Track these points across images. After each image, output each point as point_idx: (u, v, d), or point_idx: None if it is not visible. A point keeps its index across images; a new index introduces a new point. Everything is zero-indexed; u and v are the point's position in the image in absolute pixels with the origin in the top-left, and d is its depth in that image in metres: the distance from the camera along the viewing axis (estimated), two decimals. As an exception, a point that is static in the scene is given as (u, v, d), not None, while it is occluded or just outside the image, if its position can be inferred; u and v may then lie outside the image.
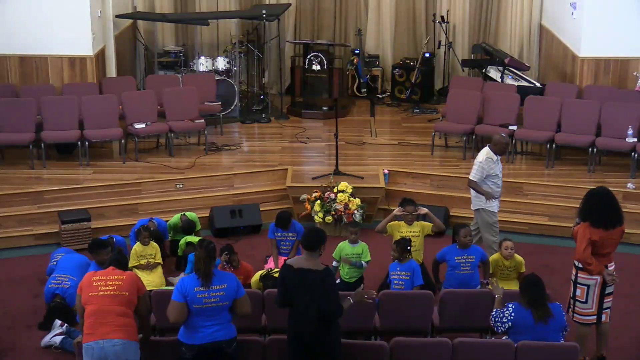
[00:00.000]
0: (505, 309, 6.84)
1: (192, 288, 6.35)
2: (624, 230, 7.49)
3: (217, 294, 6.35)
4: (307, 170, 11.69)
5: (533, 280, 6.88)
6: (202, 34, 15.04)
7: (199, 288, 6.35)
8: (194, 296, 6.34)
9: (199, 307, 6.35)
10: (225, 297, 6.38)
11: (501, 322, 6.81)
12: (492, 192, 9.16)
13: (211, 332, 6.40)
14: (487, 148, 9.24)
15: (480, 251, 8.50)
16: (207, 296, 6.34)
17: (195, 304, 6.34)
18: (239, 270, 8.56)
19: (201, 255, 6.41)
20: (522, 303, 6.80)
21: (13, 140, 11.69)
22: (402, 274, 8.17)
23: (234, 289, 6.42)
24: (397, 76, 15.01)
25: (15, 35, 12.36)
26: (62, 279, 8.42)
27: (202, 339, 6.40)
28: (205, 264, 6.37)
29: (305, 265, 6.43)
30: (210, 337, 6.40)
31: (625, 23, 12.33)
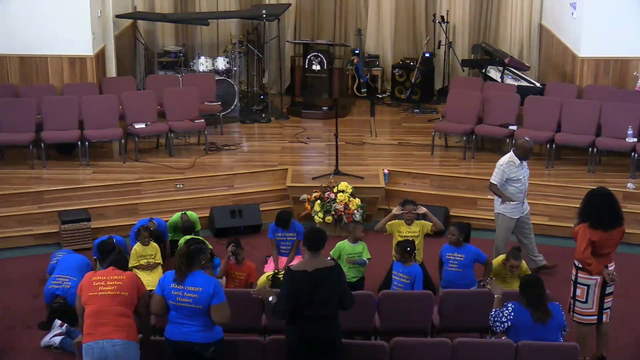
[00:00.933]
0: (504, 309, 6.84)
1: (168, 283, 6.38)
2: (624, 230, 7.49)
3: (190, 295, 6.30)
4: (307, 170, 11.69)
5: (533, 281, 6.89)
6: (202, 34, 15.04)
7: (174, 285, 6.35)
8: (169, 292, 6.36)
9: (173, 303, 6.36)
10: (199, 301, 6.29)
11: (500, 322, 6.82)
12: (510, 196, 9.07)
13: (186, 331, 6.37)
14: (512, 152, 9.19)
15: (475, 251, 8.45)
16: (181, 295, 6.32)
17: (169, 299, 6.37)
18: (242, 267, 8.52)
19: (181, 252, 6.42)
20: (521, 303, 6.80)
21: (13, 140, 11.69)
22: (404, 276, 8.16)
23: (208, 294, 6.30)
24: (397, 76, 15.01)
25: (15, 35, 12.36)
26: (62, 279, 8.41)
27: (175, 335, 6.41)
28: (181, 261, 6.35)
29: (318, 265, 6.41)
30: (184, 336, 6.37)
31: (625, 23, 12.33)
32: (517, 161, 9.08)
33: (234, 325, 6.69)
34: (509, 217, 9.17)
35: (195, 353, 6.40)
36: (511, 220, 9.21)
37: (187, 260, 6.37)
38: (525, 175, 9.19)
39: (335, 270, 6.46)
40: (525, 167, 9.21)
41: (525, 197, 9.32)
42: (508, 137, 12.00)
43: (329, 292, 6.37)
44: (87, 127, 11.87)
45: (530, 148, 9.23)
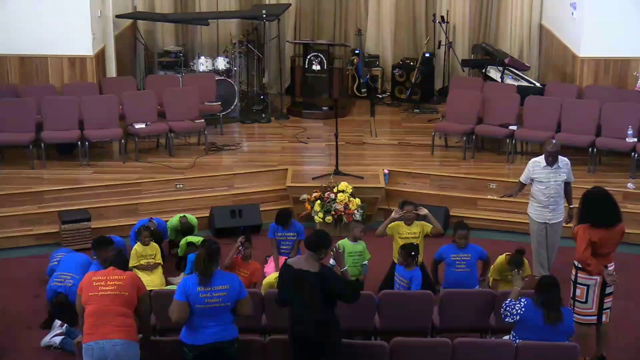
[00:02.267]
0: (518, 302, 6.85)
1: (194, 288, 6.35)
2: (624, 230, 7.50)
3: (220, 294, 6.35)
4: (307, 170, 11.69)
5: (550, 282, 6.88)
6: (202, 34, 15.04)
7: (201, 288, 6.34)
8: (197, 296, 6.33)
9: (201, 307, 6.34)
10: (228, 298, 6.38)
11: (511, 313, 6.82)
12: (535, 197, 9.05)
13: (213, 332, 6.40)
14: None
15: (478, 250, 8.47)
16: (210, 296, 6.33)
17: (197, 303, 6.34)
18: (247, 265, 8.47)
19: (202, 254, 6.41)
20: (535, 303, 6.79)
21: (13, 140, 11.69)
22: (404, 280, 8.17)
23: (236, 289, 6.42)
24: (397, 76, 15.00)
25: (15, 35, 12.36)
26: (64, 277, 8.42)
27: (204, 339, 6.40)
28: (205, 264, 6.36)
29: (304, 266, 6.46)
30: (212, 338, 6.40)
31: (625, 23, 12.33)
32: (543, 163, 8.97)
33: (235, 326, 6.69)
34: (533, 219, 9.11)
35: (222, 352, 6.45)
36: (534, 224, 9.10)
37: (210, 261, 6.39)
38: (552, 180, 8.95)
39: (318, 276, 6.42)
40: (558, 172, 8.95)
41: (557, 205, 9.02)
42: (508, 137, 12.00)
43: (307, 295, 6.39)
44: (87, 127, 11.87)
45: (550, 152, 8.96)
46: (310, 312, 6.39)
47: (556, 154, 8.97)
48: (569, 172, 9.04)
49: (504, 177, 11.49)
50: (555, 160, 8.96)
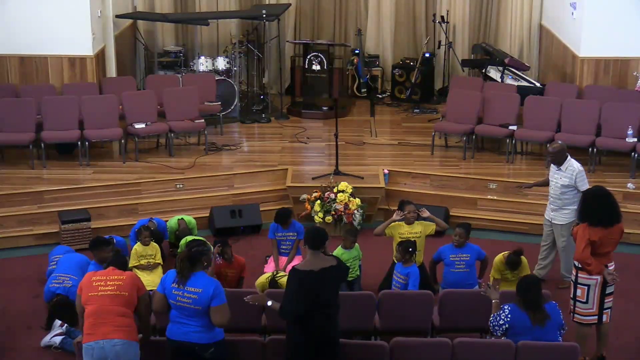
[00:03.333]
0: (501, 311, 6.81)
1: (170, 283, 6.41)
2: (623, 229, 7.50)
3: (190, 296, 6.32)
4: (307, 170, 11.68)
5: (529, 282, 6.84)
6: (202, 34, 15.03)
7: (175, 285, 6.38)
8: (170, 291, 6.40)
9: (173, 302, 6.39)
10: (198, 302, 6.31)
11: (498, 325, 6.78)
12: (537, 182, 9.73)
13: (185, 331, 6.39)
14: None
15: (477, 250, 8.49)
16: (181, 295, 6.35)
17: (170, 298, 6.40)
18: (232, 264, 8.50)
19: (183, 255, 6.45)
20: (518, 304, 6.78)
21: (13, 140, 11.69)
22: (401, 277, 8.18)
23: (208, 295, 6.31)
24: (397, 76, 15.01)
25: (15, 35, 12.36)
26: (63, 278, 8.42)
27: (176, 335, 6.43)
28: (183, 264, 6.38)
29: (323, 264, 6.40)
30: (184, 336, 6.40)
31: (625, 23, 12.33)
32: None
33: (234, 325, 6.69)
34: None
35: (195, 353, 6.41)
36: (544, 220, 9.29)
37: (189, 262, 6.39)
38: (554, 180, 8.98)
39: (339, 268, 6.53)
40: (560, 174, 8.93)
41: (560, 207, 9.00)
42: (508, 137, 12.00)
43: (333, 290, 6.41)
44: (87, 127, 11.87)
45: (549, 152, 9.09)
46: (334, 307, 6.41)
47: (554, 155, 8.95)
48: (576, 180, 8.83)
49: (504, 177, 11.50)
50: (558, 162, 8.93)
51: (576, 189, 8.82)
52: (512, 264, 8.38)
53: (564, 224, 9.00)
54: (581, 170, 8.89)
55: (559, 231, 9.07)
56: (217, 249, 8.47)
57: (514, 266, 8.40)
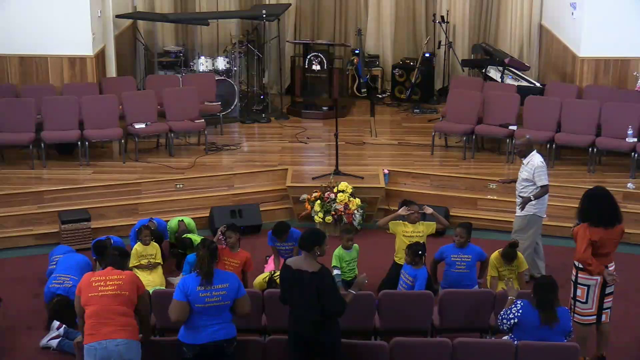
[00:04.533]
0: (513, 306, 6.84)
1: (194, 287, 6.37)
2: (624, 230, 7.50)
3: (219, 293, 6.37)
4: (307, 170, 11.68)
5: (546, 283, 6.87)
6: (202, 34, 15.03)
7: (201, 287, 6.36)
8: (197, 295, 6.35)
9: (201, 306, 6.36)
10: (227, 297, 6.40)
11: (507, 319, 6.80)
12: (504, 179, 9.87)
13: (212, 331, 6.41)
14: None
15: (479, 251, 8.50)
16: (209, 295, 6.35)
17: (197, 303, 6.36)
18: (235, 254, 8.43)
19: (204, 254, 6.43)
20: (531, 302, 6.79)
21: (13, 140, 11.69)
22: (409, 278, 8.20)
23: (235, 288, 6.45)
24: (397, 76, 15.01)
25: (15, 35, 12.36)
26: (63, 278, 8.41)
27: (203, 338, 6.41)
28: (208, 263, 6.39)
29: (302, 266, 6.45)
30: (211, 337, 6.41)
31: (625, 23, 12.33)
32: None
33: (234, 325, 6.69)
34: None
35: (221, 351, 6.46)
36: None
37: (211, 260, 6.43)
38: (519, 174, 9.18)
39: (316, 277, 6.39)
40: (523, 168, 9.09)
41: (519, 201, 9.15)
42: (508, 137, 12.00)
43: (305, 295, 6.39)
44: (87, 127, 11.87)
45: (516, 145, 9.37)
46: (307, 311, 6.39)
47: (519, 147, 9.20)
48: (534, 175, 8.94)
49: (504, 177, 11.47)
50: (523, 155, 9.12)
51: (534, 184, 8.93)
52: (507, 256, 8.40)
53: (520, 215, 9.10)
54: (540, 166, 8.96)
55: (516, 223, 9.16)
56: (222, 228, 8.43)
57: (509, 258, 8.40)
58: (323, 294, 6.35)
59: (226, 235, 8.41)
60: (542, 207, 9.11)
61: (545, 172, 8.99)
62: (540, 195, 8.95)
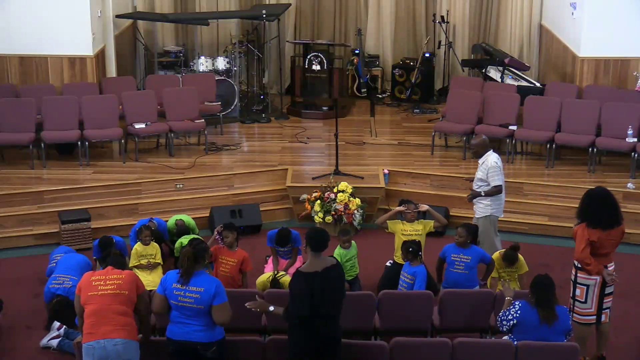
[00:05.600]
0: (512, 307, 6.84)
1: (170, 283, 6.41)
2: (624, 230, 7.48)
3: (192, 296, 6.34)
4: (307, 170, 11.69)
5: (544, 281, 6.86)
6: (202, 34, 15.03)
7: (177, 285, 6.37)
8: (171, 292, 6.39)
9: (174, 303, 6.39)
10: (200, 301, 6.33)
11: (507, 320, 6.81)
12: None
13: (188, 330, 6.40)
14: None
15: (481, 253, 8.47)
16: (182, 295, 6.35)
17: (171, 299, 6.40)
18: (233, 253, 8.42)
19: (187, 253, 6.43)
20: (530, 302, 6.79)
21: (13, 140, 11.69)
22: (408, 276, 8.21)
23: (210, 295, 6.34)
24: (397, 76, 15.01)
25: (15, 35, 12.36)
26: (63, 279, 8.41)
27: (178, 335, 6.43)
28: (188, 262, 6.38)
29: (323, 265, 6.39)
30: (186, 336, 6.40)
31: (625, 23, 12.33)
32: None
33: (234, 325, 6.70)
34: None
35: (197, 353, 6.42)
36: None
37: (194, 260, 6.40)
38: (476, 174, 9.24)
39: (340, 267, 6.55)
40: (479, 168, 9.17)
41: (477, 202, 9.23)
42: (508, 137, 12.00)
43: (338, 289, 6.41)
44: (87, 127, 11.87)
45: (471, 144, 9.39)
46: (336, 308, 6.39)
47: (473, 147, 9.23)
48: (488, 175, 8.99)
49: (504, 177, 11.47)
50: (478, 155, 9.17)
51: (489, 184, 8.98)
52: (508, 259, 8.40)
53: (478, 217, 9.14)
54: (494, 167, 8.99)
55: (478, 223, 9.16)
56: (219, 228, 8.42)
57: (510, 262, 8.41)
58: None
59: (223, 234, 8.42)
60: (499, 207, 9.14)
61: (499, 172, 9.03)
62: (491, 193, 9.00)
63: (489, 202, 9.03)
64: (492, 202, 9.03)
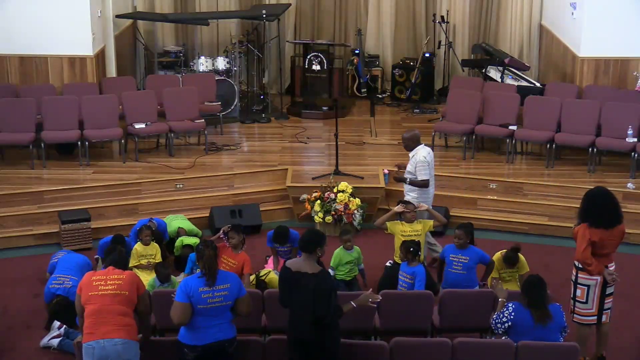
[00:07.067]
0: (505, 309, 6.84)
1: (196, 288, 6.35)
2: (625, 230, 7.48)
3: (221, 294, 6.36)
4: (307, 170, 11.69)
5: (534, 281, 6.86)
6: (202, 34, 15.04)
7: (204, 288, 6.34)
8: (199, 296, 6.33)
9: (203, 307, 6.34)
10: (229, 297, 6.40)
11: (501, 323, 6.81)
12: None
13: (214, 332, 6.41)
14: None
15: (479, 253, 8.45)
16: (212, 296, 6.34)
17: (200, 304, 6.34)
18: (236, 255, 8.40)
19: (211, 254, 6.39)
20: (522, 303, 6.79)
21: (13, 140, 11.69)
22: (407, 276, 8.21)
23: (237, 288, 6.45)
24: (397, 76, 15.01)
25: (15, 35, 12.37)
26: (63, 279, 8.41)
27: (205, 339, 6.40)
28: (212, 264, 6.38)
29: (302, 267, 6.45)
30: (213, 337, 6.40)
31: (625, 23, 12.34)
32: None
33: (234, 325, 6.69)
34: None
35: (223, 351, 6.46)
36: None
37: (216, 261, 6.43)
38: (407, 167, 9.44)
39: (316, 278, 6.39)
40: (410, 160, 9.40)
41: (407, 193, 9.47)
42: (508, 137, 12.00)
43: (304, 296, 6.37)
44: (87, 127, 11.87)
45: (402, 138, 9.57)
46: (306, 313, 6.37)
47: (404, 141, 9.47)
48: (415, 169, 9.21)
49: (504, 177, 11.50)
50: (408, 148, 9.39)
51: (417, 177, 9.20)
52: (509, 260, 8.39)
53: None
54: (422, 161, 9.20)
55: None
56: (227, 228, 8.43)
57: (511, 263, 8.41)
58: (317, 296, 6.34)
59: (229, 235, 8.40)
60: (426, 200, 9.32)
61: (427, 167, 9.23)
62: (415, 184, 9.23)
63: (417, 195, 9.26)
64: (420, 195, 9.27)
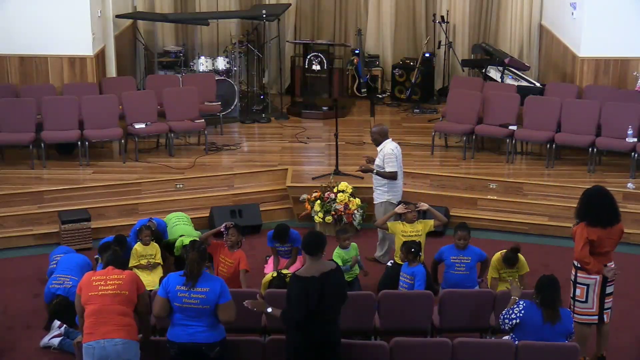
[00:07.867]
0: (515, 306, 6.84)
1: (174, 286, 6.39)
2: (623, 229, 7.49)
3: (198, 296, 6.33)
4: (307, 170, 11.69)
5: (549, 281, 6.86)
6: (202, 34, 15.04)
7: (181, 287, 6.36)
8: (175, 294, 6.37)
9: (179, 305, 6.37)
10: (206, 301, 6.34)
11: (509, 319, 6.80)
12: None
13: (192, 332, 6.40)
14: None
15: (478, 252, 8.49)
16: (187, 296, 6.34)
17: (175, 302, 6.38)
18: (232, 254, 8.41)
19: (194, 257, 6.41)
20: (534, 302, 6.79)
21: (13, 140, 11.69)
22: (407, 276, 8.22)
23: (216, 294, 6.36)
24: (397, 76, 15.01)
25: (15, 35, 12.37)
26: (63, 279, 8.41)
27: (181, 337, 6.42)
28: (198, 266, 6.38)
29: (322, 269, 6.37)
30: (190, 337, 6.40)
31: (625, 23, 12.34)
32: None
33: (234, 325, 6.69)
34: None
35: (202, 353, 6.42)
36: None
37: (200, 263, 6.41)
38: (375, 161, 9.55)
39: (339, 271, 6.52)
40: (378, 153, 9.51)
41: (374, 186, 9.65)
42: (508, 137, 12.00)
43: (336, 294, 6.38)
44: (87, 127, 11.87)
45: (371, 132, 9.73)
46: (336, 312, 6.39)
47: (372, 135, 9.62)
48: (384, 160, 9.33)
49: (504, 177, 11.50)
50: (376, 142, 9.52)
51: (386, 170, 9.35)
52: (508, 261, 8.39)
53: (376, 203, 9.53)
54: (390, 154, 9.35)
55: (375, 211, 9.54)
56: (230, 223, 8.46)
57: (510, 263, 8.40)
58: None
59: (229, 232, 8.41)
60: (396, 194, 9.45)
61: (394, 159, 9.36)
62: (382, 175, 9.36)
63: (386, 189, 9.42)
64: (389, 188, 9.41)
